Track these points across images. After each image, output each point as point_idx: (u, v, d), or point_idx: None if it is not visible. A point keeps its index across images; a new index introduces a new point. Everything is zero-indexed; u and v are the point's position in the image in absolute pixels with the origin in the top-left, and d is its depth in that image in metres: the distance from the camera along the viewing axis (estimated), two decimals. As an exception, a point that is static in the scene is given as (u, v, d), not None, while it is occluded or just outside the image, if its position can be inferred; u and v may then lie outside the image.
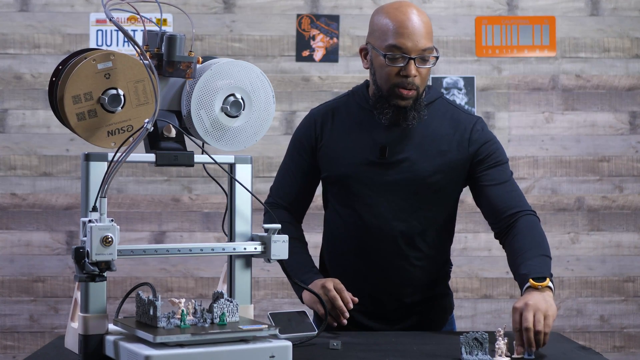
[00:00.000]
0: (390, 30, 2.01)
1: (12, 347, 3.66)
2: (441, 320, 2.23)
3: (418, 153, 2.08)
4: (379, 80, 2.06)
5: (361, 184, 2.10)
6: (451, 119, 2.13)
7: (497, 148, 2.13)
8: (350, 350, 1.76)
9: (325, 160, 2.17)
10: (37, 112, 3.67)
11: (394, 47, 2.00)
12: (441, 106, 2.15)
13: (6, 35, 3.67)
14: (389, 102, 2.05)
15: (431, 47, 2.02)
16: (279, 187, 2.24)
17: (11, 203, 3.66)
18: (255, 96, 1.69)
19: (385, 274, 2.12)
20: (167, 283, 3.68)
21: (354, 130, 2.14)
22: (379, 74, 2.06)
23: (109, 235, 1.43)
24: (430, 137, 2.10)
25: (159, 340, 1.43)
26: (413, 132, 2.09)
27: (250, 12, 3.73)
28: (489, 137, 2.13)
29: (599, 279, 3.77)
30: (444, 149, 2.09)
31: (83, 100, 1.54)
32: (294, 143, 2.24)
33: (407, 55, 1.99)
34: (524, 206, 2.12)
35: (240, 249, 1.67)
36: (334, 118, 2.18)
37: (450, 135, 2.10)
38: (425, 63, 2.03)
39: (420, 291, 2.16)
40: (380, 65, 2.04)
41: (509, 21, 3.77)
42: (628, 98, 3.78)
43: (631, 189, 3.77)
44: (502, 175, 2.10)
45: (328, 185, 2.21)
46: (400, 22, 2.00)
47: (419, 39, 1.99)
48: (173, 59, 1.61)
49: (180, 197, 3.69)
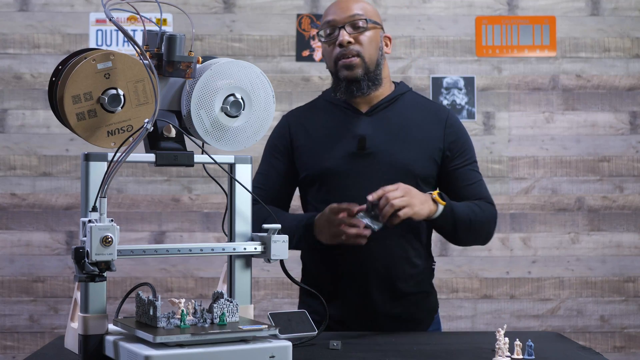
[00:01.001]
0: (325, 14, 2.18)
1: (12, 347, 3.66)
2: (427, 319, 2.22)
3: (397, 142, 2.13)
4: (327, 63, 2.19)
5: (343, 176, 2.12)
6: (424, 109, 2.21)
7: (470, 141, 2.23)
8: (350, 350, 1.76)
9: (303, 159, 2.19)
10: (37, 112, 3.67)
11: (325, 23, 2.16)
12: (412, 98, 2.24)
13: (6, 35, 3.67)
14: (339, 78, 2.14)
15: (361, 14, 2.14)
16: (257, 192, 2.20)
17: (11, 203, 3.66)
18: (255, 96, 1.69)
19: (371, 266, 2.11)
20: (167, 283, 3.67)
21: (330, 127, 2.18)
22: (325, 55, 2.19)
23: (108, 235, 1.43)
24: (407, 127, 2.15)
25: (159, 340, 1.42)
26: (389, 123, 2.15)
27: (250, 12, 3.73)
28: (463, 130, 2.23)
29: (599, 279, 3.76)
30: (422, 137, 2.15)
31: (83, 100, 1.54)
32: (269, 148, 2.27)
33: (337, 26, 2.13)
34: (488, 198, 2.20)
35: (240, 249, 1.66)
36: (308, 118, 2.23)
37: (427, 123, 2.17)
38: (357, 29, 2.13)
39: (405, 283, 2.14)
40: (324, 48, 2.19)
41: (509, 21, 3.77)
42: (628, 98, 3.78)
43: (631, 189, 3.77)
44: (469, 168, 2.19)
45: (307, 187, 2.21)
46: (330, 6, 2.19)
47: (345, 10, 2.14)
48: (173, 58, 1.61)
49: (180, 197, 3.69)
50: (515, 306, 3.74)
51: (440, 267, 3.65)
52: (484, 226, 2.14)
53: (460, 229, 2.08)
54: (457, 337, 2.00)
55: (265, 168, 2.26)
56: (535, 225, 3.75)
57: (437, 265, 2.32)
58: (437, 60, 3.76)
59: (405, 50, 3.75)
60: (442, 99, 3.72)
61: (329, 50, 2.15)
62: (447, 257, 3.69)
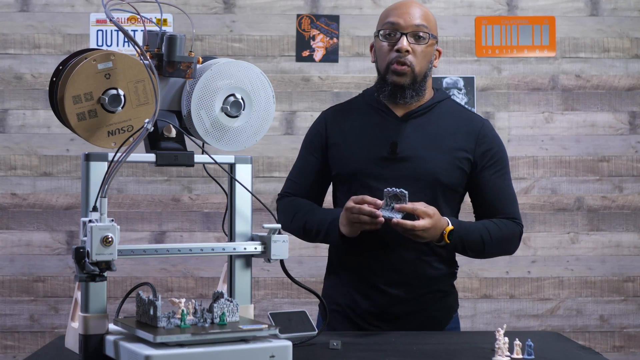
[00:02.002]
0: (388, 13, 2.18)
1: (12, 347, 3.66)
2: (446, 317, 2.23)
3: (428, 150, 2.14)
4: (378, 61, 2.20)
5: (372, 178, 2.14)
6: (460, 118, 2.21)
7: (503, 153, 2.22)
8: (350, 350, 1.76)
9: (336, 157, 2.22)
10: (37, 112, 3.67)
11: (388, 23, 2.15)
12: (449, 106, 2.25)
13: (6, 35, 3.67)
14: (386, 81, 2.16)
15: (426, 25, 2.14)
16: (292, 185, 2.29)
17: (11, 203, 3.66)
18: (255, 96, 1.70)
19: (395, 268, 2.13)
20: (167, 283, 3.68)
21: (365, 128, 2.20)
22: (378, 54, 2.19)
23: (109, 235, 1.43)
24: (440, 135, 2.17)
25: (159, 340, 1.43)
26: (423, 130, 2.17)
27: (250, 12, 3.73)
28: (497, 142, 2.22)
29: (598, 279, 3.77)
30: (453, 146, 2.16)
31: (83, 100, 1.54)
32: (306, 143, 2.31)
33: (400, 31, 2.13)
34: (516, 216, 2.20)
35: (240, 249, 1.67)
36: (345, 117, 2.25)
37: (460, 133, 2.18)
38: (419, 40, 2.14)
39: (427, 286, 2.17)
40: (379, 46, 2.18)
41: (509, 21, 3.77)
42: (628, 98, 3.78)
43: (631, 189, 3.77)
44: (500, 181, 2.19)
45: (338, 184, 2.24)
46: (397, 6, 2.18)
47: (412, 17, 2.14)
48: (173, 59, 1.61)
49: (180, 197, 3.69)
50: (514, 306, 3.74)
51: (440, 267, 3.65)
52: (501, 247, 2.17)
53: (471, 253, 2.13)
54: (457, 337, 2.01)
55: (300, 163, 2.30)
56: (535, 225, 3.75)
57: (436, 265, 2.33)
58: (437, 60, 3.76)
59: (405, 50, 3.75)
60: (442, 99, 3.72)
61: (385, 51, 2.16)
62: (446, 257, 3.70)
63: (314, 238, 2.17)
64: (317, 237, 2.16)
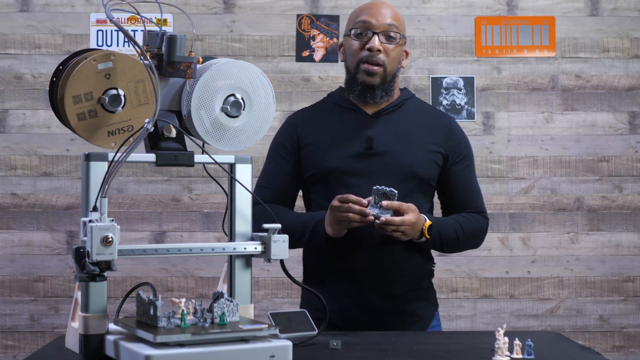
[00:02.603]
0: (359, 12, 2.20)
1: (12, 346, 3.66)
2: (429, 315, 2.24)
3: (403, 144, 2.17)
4: (348, 60, 2.21)
5: (349, 175, 2.15)
6: (428, 114, 2.27)
7: (470, 148, 2.29)
8: (350, 350, 1.76)
9: (310, 158, 2.21)
10: (37, 112, 3.67)
11: (360, 21, 2.17)
12: (416, 104, 2.29)
13: (7, 35, 3.67)
14: (357, 80, 2.18)
15: (397, 25, 2.17)
16: (264, 192, 2.24)
17: (11, 203, 3.66)
18: (255, 96, 1.70)
19: (374, 263, 2.13)
20: (167, 283, 3.68)
21: (338, 127, 2.21)
22: (349, 53, 2.20)
23: (109, 235, 1.43)
24: (412, 130, 2.20)
25: (159, 340, 1.43)
26: (395, 125, 2.20)
27: (250, 12, 3.73)
28: (465, 137, 2.29)
29: (598, 279, 3.77)
30: (426, 140, 2.20)
31: (83, 100, 1.54)
32: (275, 148, 2.28)
33: (372, 30, 2.15)
34: (484, 210, 2.28)
35: (240, 249, 1.67)
36: (315, 119, 2.26)
37: (430, 128, 2.22)
38: (390, 41, 2.16)
39: (407, 282, 2.17)
40: (349, 45, 2.20)
41: (509, 21, 3.77)
42: (628, 98, 3.78)
43: (631, 189, 3.77)
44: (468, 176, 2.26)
45: (312, 186, 2.23)
46: (368, 6, 2.21)
47: (383, 17, 2.16)
48: (173, 59, 1.61)
49: (180, 197, 3.69)
50: (514, 306, 3.75)
51: (440, 267, 3.65)
52: (471, 241, 2.24)
53: (446, 248, 2.18)
54: (457, 337, 2.01)
55: (270, 168, 2.27)
56: (535, 225, 3.75)
57: (437, 265, 2.34)
58: (436, 60, 3.76)
59: (405, 50, 3.75)
60: (441, 99, 3.72)
61: (355, 49, 2.18)
62: (446, 257, 3.69)
63: (297, 241, 2.11)
64: (301, 240, 2.13)
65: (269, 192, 2.23)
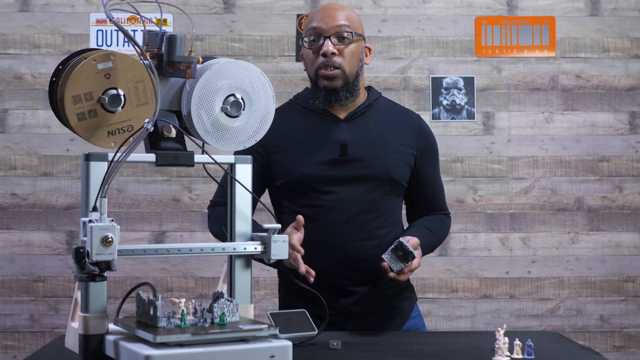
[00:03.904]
0: (310, 19, 2.18)
1: (12, 347, 3.66)
2: (409, 307, 2.26)
3: (376, 148, 2.16)
4: (308, 69, 2.21)
5: (323, 182, 2.13)
6: (397, 114, 2.27)
7: (437, 147, 2.30)
8: (350, 350, 1.76)
9: (282, 165, 2.17)
10: (37, 112, 3.67)
11: (311, 29, 2.16)
12: (385, 103, 2.28)
13: (6, 35, 3.67)
14: (319, 86, 2.17)
15: (348, 25, 2.15)
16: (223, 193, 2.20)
17: (11, 203, 3.66)
18: (255, 96, 1.70)
19: (352, 265, 2.13)
20: (167, 283, 3.68)
21: (309, 133, 2.19)
22: (307, 61, 2.20)
23: (109, 235, 1.43)
24: (384, 132, 2.20)
25: (159, 340, 1.43)
26: (367, 129, 2.19)
27: (250, 12, 3.73)
28: (433, 137, 2.29)
29: (598, 279, 3.77)
30: (398, 142, 2.20)
31: (83, 100, 1.54)
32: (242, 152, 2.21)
33: (323, 35, 2.14)
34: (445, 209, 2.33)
35: (240, 249, 1.67)
36: (282, 123, 2.14)
37: (401, 129, 2.22)
38: (342, 41, 2.14)
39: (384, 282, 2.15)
40: (306, 54, 2.19)
41: (509, 21, 3.77)
42: (628, 98, 3.78)
43: (631, 189, 3.77)
44: (435, 175, 2.28)
45: (284, 192, 2.19)
46: (318, 11, 2.19)
47: (333, 19, 2.14)
48: (173, 59, 1.61)
49: (180, 197, 3.69)
50: (514, 306, 3.74)
51: (440, 267, 3.65)
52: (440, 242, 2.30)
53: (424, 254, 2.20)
54: (457, 337, 2.01)
55: None
56: (535, 225, 3.75)
57: (437, 265, 2.34)
58: (436, 60, 3.76)
59: (405, 50, 3.75)
60: (441, 99, 3.72)
61: (312, 57, 2.17)
62: (446, 257, 3.69)
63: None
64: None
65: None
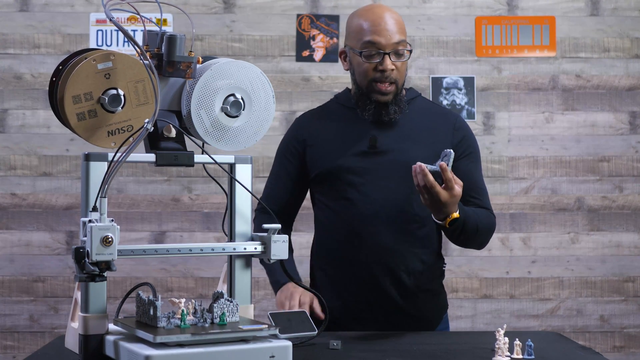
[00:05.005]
0: (365, 29, 2.13)
1: (12, 347, 3.66)
2: (436, 318, 2.24)
3: (406, 142, 2.17)
4: (358, 78, 2.18)
5: (354, 173, 2.15)
6: (434, 113, 2.26)
7: (477, 145, 2.26)
8: (350, 350, 1.76)
9: (315, 158, 2.22)
10: (37, 112, 3.67)
11: (369, 43, 2.12)
12: (422, 103, 2.28)
13: (6, 35, 3.67)
14: (370, 99, 2.16)
15: (404, 40, 2.15)
16: (270, 193, 2.29)
17: (11, 203, 3.66)
18: (255, 96, 1.70)
19: (382, 260, 2.13)
20: (167, 283, 3.68)
21: (343, 128, 2.21)
22: (358, 72, 2.17)
23: (109, 235, 1.43)
24: (418, 131, 2.19)
25: (159, 340, 1.43)
26: (400, 126, 2.19)
27: (250, 12, 3.73)
28: (471, 133, 2.26)
29: (599, 279, 3.77)
30: (432, 140, 2.18)
31: (83, 100, 1.54)
32: (283, 149, 2.30)
33: (382, 51, 2.11)
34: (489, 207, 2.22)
35: (240, 249, 1.67)
36: (321, 120, 2.26)
37: (437, 129, 2.21)
38: (400, 57, 2.15)
39: (416, 280, 2.16)
40: (358, 63, 2.16)
41: (509, 21, 3.77)
42: (628, 98, 3.78)
43: (631, 189, 3.77)
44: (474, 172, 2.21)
45: (317, 186, 2.24)
46: (372, 21, 2.13)
47: (391, 34, 2.12)
48: (173, 59, 1.61)
49: (180, 197, 3.69)
50: (515, 306, 3.74)
51: (440, 267, 3.65)
52: (484, 235, 2.16)
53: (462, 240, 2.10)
54: (457, 337, 2.00)
55: (276, 170, 2.30)
56: (535, 225, 3.75)
57: (437, 265, 2.33)
58: (437, 60, 3.76)
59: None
60: (441, 99, 3.72)
61: (365, 69, 2.14)
62: (447, 257, 3.68)
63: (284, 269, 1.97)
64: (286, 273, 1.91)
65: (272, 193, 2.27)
